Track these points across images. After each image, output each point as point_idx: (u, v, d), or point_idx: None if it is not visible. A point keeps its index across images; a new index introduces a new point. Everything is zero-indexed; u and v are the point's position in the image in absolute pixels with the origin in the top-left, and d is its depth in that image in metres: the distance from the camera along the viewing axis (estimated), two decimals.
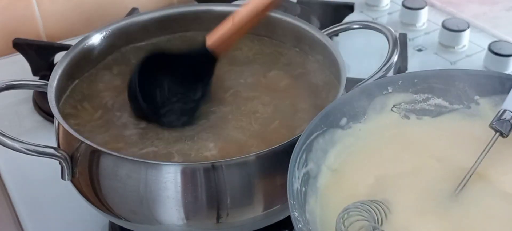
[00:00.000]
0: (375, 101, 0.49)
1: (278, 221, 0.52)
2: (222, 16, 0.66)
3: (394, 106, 0.49)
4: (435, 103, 0.50)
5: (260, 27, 0.66)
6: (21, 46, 0.79)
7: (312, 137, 0.45)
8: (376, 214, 0.40)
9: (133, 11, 0.86)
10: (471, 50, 0.85)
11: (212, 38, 0.56)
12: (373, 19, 0.93)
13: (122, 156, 0.47)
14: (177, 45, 0.66)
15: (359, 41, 0.81)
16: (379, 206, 0.41)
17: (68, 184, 0.52)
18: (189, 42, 0.66)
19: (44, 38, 0.92)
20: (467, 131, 0.48)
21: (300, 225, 0.38)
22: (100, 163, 0.48)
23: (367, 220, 0.39)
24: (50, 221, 0.61)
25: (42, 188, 0.64)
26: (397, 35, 0.57)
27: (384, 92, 0.49)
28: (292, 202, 0.39)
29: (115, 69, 0.63)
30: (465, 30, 0.84)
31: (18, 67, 0.82)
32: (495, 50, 0.79)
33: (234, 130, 0.54)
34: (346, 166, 0.46)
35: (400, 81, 0.49)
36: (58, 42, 0.84)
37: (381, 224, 0.40)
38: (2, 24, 0.88)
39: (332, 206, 0.42)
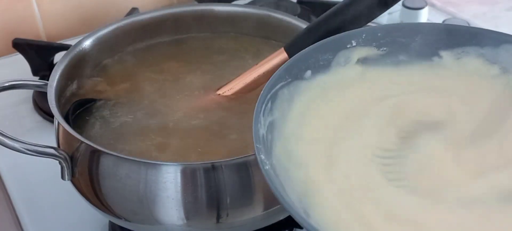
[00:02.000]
0: (339, 55, 0.49)
1: (278, 221, 0.52)
2: (222, 16, 0.67)
3: (358, 59, 0.50)
4: (397, 56, 0.50)
5: (260, 28, 0.66)
6: (21, 46, 0.79)
7: (277, 87, 0.45)
8: None
9: (133, 11, 0.86)
10: None
11: (223, 89, 0.58)
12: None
13: (122, 156, 0.47)
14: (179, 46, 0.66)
15: None
16: None
17: (68, 184, 0.52)
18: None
19: (44, 38, 0.92)
20: (428, 80, 0.49)
21: (267, 167, 0.38)
22: (100, 163, 0.48)
23: None
24: (50, 221, 0.61)
25: (42, 188, 0.64)
26: None
27: (348, 46, 0.49)
28: (258, 146, 0.39)
29: (115, 69, 0.63)
30: None
31: (18, 67, 0.82)
32: None
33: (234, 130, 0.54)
34: (310, 117, 0.46)
35: (363, 35, 0.49)
36: (58, 42, 0.84)
37: None
38: (2, 24, 0.88)
39: (296, 155, 0.42)
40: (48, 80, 0.54)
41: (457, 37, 0.49)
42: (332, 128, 0.45)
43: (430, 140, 0.43)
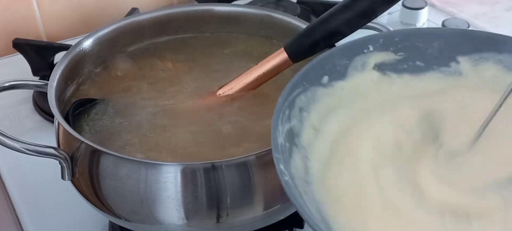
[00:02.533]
0: (356, 60, 0.49)
1: (278, 221, 0.52)
2: (222, 16, 0.67)
3: (375, 65, 0.49)
4: (415, 62, 0.50)
5: (260, 28, 0.66)
6: (21, 46, 0.79)
7: (294, 94, 0.45)
8: None
9: (133, 11, 0.86)
10: None
11: (224, 89, 0.58)
12: None
13: (122, 156, 0.47)
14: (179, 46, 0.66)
15: None
16: None
17: (68, 184, 0.52)
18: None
19: (44, 38, 0.92)
20: (447, 88, 0.49)
21: (286, 178, 0.38)
22: (100, 163, 0.48)
23: None
24: (50, 221, 0.61)
25: (42, 188, 0.64)
26: None
27: (365, 51, 0.49)
28: (277, 155, 0.39)
29: (115, 69, 0.63)
30: None
31: (18, 67, 0.82)
32: None
33: (234, 130, 0.54)
34: (328, 124, 0.46)
35: (381, 40, 0.49)
36: (58, 42, 0.84)
37: None
38: (2, 24, 0.88)
39: (314, 164, 0.42)
40: (48, 80, 0.54)
41: (475, 43, 0.49)
42: (349, 133, 0.45)
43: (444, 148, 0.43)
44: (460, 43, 0.49)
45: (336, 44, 0.57)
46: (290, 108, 0.44)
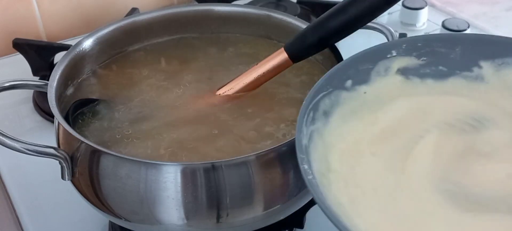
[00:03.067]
0: (379, 64, 0.49)
1: (278, 221, 0.52)
2: (222, 16, 0.67)
3: (398, 69, 0.50)
4: (437, 66, 0.50)
5: (260, 28, 0.66)
6: (21, 46, 0.79)
7: (319, 97, 0.46)
8: None
9: (133, 11, 0.86)
10: None
11: (224, 89, 0.58)
12: None
13: (122, 156, 0.47)
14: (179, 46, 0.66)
15: (359, 41, 0.80)
16: None
17: (68, 184, 0.52)
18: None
19: (44, 38, 0.92)
20: (467, 91, 0.49)
21: (310, 177, 0.38)
22: (100, 163, 0.48)
23: None
24: (50, 221, 0.61)
25: (42, 188, 0.64)
26: (397, 35, 0.57)
27: (388, 56, 0.49)
28: (301, 156, 0.40)
29: (115, 69, 0.63)
30: (465, 30, 0.84)
31: (18, 67, 0.82)
32: None
33: (236, 133, 0.54)
34: (350, 127, 0.46)
35: (404, 45, 0.50)
36: (58, 42, 0.84)
37: None
38: (2, 24, 0.88)
39: (336, 166, 0.43)
40: (48, 80, 0.54)
41: (498, 48, 0.49)
42: (370, 138, 0.45)
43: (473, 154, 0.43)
44: (483, 48, 0.49)
45: (336, 44, 0.57)
46: (314, 111, 0.45)
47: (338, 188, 0.41)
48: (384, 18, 0.93)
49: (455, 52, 0.50)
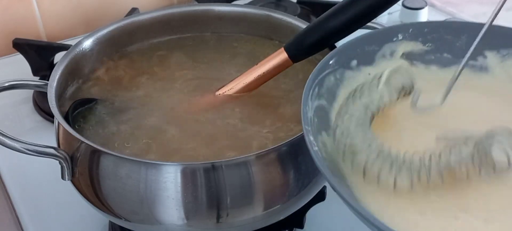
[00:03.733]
0: (385, 47, 0.49)
1: (278, 221, 0.52)
2: (222, 16, 0.67)
3: (403, 53, 0.50)
4: (442, 53, 0.50)
5: (260, 28, 0.66)
6: (21, 46, 0.79)
7: (324, 74, 0.46)
8: None
9: (133, 11, 0.86)
10: None
11: (224, 89, 0.58)
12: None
13: (122, 156, 0.47)
14: (179, 46, 0.66)
15: None
16: None
17: (68, 184, 0.52)
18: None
19: (44, 38, 0.92)
20: (471, 80, 0.49)
21: (315, 148, 0.39)
22: (100, 163, 0.48)
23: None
24: (50, 221, 0.61)
25: (42, 188, 0.65)
26: None
27: (394, 39, 0.50)
28: (306, 127, 0.40)
29: (115, 69, 0.63)
30: None
31: (18, 67, 0.82)
32: None
33: (236, 133, 0.54)
34: (353, 106, 0.46)
35: (410, 30, 0.50)
36: (58, 42, 0.84)
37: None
38: (2, 24, 0.88)
39: (340, 143, 0.43)
40: (48, 80, 0.54)
41: (504, 38, 0.49)
42: (373, 116, 0.45)
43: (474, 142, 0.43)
44: (489, 38, 0.49)
45: (336, 44, 0.57)
46: (319, 87, 0.45)
47: (343, 166, 0.41)
48: (384, 18, 0.93)
49: (460, 40, 0.50)
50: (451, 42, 0.50)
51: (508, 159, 0.39)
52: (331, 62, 0.46)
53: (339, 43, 0.56)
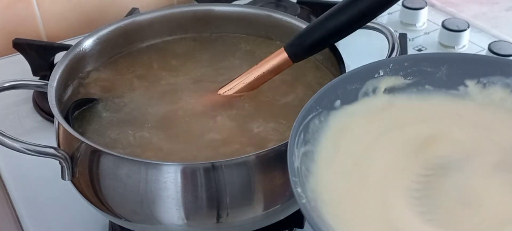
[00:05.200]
0: (367, 84, 0.50)
1: (278, 221, 0.52)
2: (222, 16, 0.67)
3: (386, 89, 0.50)
4: (424, 86, 0.51)
5: (260, 28, 0.66)
6: (21, 46, 0.79)
7: (309, 118, 0.46)
8: None
9: (133, 11, 0.86)
10: (471, 50, 0.85)
11: (224, 89, 0.58)
12: None
13: (122, 156, 0.47)
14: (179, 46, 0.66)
15: (359, 41, 0.81)
16: None
17: (68, 184, 0.52)
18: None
19: (44, 38, 0.92)
20: (454, 111, 0.50)
21: (303, 201, 0.38)
22: (100, 163, 0.48)
23: None
24: (50, 221, 0.61)
25: (42, 188, 0.64)
26: (397, 35, 0.57)
27: (375, 76, 0.50)
28: (294, 179, 0.40)
29: (115, 69, 0.63)
30: (465, 30, 0.84)
31: (18, 67, 0.82)
32: (495, 50, 0.79)
33: (236, 133, 0.54)
34: (339, 148, 0.47)
35: (391, 65, 0.50)
36: (58, 42, 0.84)
37: None
38: (2, 24, 0.88)
39: (331, 185, 0.43)
40: (48, 80, 0.54)
41: (483, 66, 0.50)
42: (360, 158, 0.45)
43: (458, 173, 0.44)
44: (468, 67, 0.50)
45: (336, 44, 0.57)
46: (304, 132, 0.45)
47: (331, 212, 0.41)
48: (384, 18, 0.93)
49: (441, 71, 0.50)
50: (432, 74, 0.50)
51: None
52: (314, 106, 0.47)
53: (339, 43, 0.57)
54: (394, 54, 0.55)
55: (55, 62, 0.79)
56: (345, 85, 0.49)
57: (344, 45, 0.58)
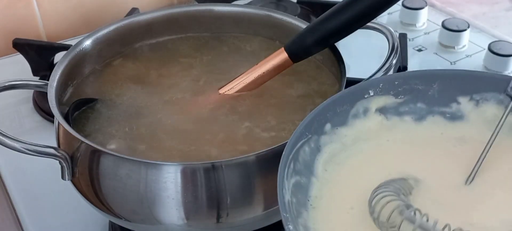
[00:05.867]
0: (357, 105, 0.48)
1: (278, 221, 0.52)
2: (222, 16, 0.67)
3: (376, 109, 0.49)
4: (416, 104, 0.49)
5: (260, 28, 0.66)
6: (21, 46, 0.79)
7: (298, 146, 0.44)
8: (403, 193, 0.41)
9: (133, 11, 0.86)
10: (471, 50, 0.85)
11: (224, 89, 0.58)
12: None
13: (122, 156, 0.47)
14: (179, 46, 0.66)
15: (359, 41, 0.81)
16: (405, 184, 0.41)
17: (68, 184, 0.52)
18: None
19: (44, 38, 0.92)
20: (448, 132, 0.49)
21: None
22: (100, 163, 0.48)
23: (400, 200, 0.39)
24: (50, 221, 0.61)
25: (42, 188, 0.64)
26: (397, 35, 0.57)
27: (365, 96, 0.48)
28: (285, 215, 0.38)
29: (115, 69, 0.63)
30: (465, 30, 0.84)
31: (18, 67, 0.82)
32: (495, 50, 0.79)
33: (234, 129, 0.54)
34: (334, 174, 0.45)
35: (381, 84, 0.49)
36: (58, 42, 0.84)
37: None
38: (2, 24, 0.88)
39: (324, 217, 0.42)
40: (48, 80, 0.54)
41: (475, 82, 0.48)
42: (352, 186, 0.44)
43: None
44: (460, 84, 0.49)
45: (335, 43, 0.57)
46: (294, 161, 0.43)
47: None
48: (384, 18, 0.93)
49: (433, 89, 0.49)
50: (424, 92, 0.49)
51: None
52: (303, 132, 0.45)
53: (340, 43, 0.56)
54: (394, 55, 0.55)
55: (55, 62, 0.79)
56: (334, 107, 0.47)
57: (344, 45, 0.58)
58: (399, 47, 0.56)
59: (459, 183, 0.44)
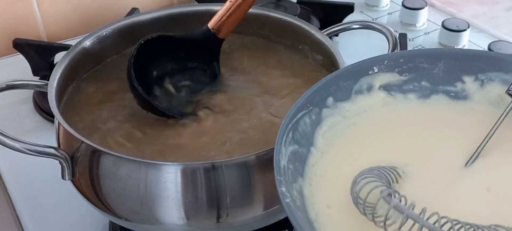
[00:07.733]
0: (361, 81, 0.49)
1: (278, 221, 0.52)
2: None
3: (380, 86, 0.49)
4: (420, 82, 0.50)
5: (260, 27, 0.66)
6: (21, 46, 0.79)
7: (299, 116, 0.44)
8: (389, 179, 0.41)
9: (133, 11, 0.86)
10: None
11: (213, 20, 0.58)
12: (373, 19, 0.93)
13: (122, 155, 0.47)
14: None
15: (359, 41, 0.81)
16: (391, 171, 0.41)
17: (68, 184, 0.52)
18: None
19: (44, 38, 0.92)
20: (452, 113, 0.49)
21: (287, 200, 0.37)
22: (100, 163, 0.48)
23: (384, 185, 0.39)
24: (50, 221, 0.61)
25: (42, 188, 0.65)
26: (397, 35, 0.57)
27: (370, 72, 0.49)
28: (279, 178, 0.39)
29: (115, 69, 0.63)
30: (465, 30, 0.84)
31: (18, 67, 0.82)
32: (495, 50, 0.79)
33: (235, 131, 0.54)
34: (333, 147, 0.46)
35: (385, 61, 0.49)
36: (58, 42, 0.84)
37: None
38: (2, 24, 0.88)
39: (319, 186, 0.42)
40: (48, 80, 0.54)
41: (481, 62, 0.48)
42: (352, 157, 0.45)
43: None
44: (466, 63, 0.49)
45: (335, 44, 0.57)
46: (293, 131, 0.43)
47: (318, 212, 0.40)
48: (384, 18, 0.93)
49: (438, 68, 0.49)
50: (428, 70, 0.49)
51: None
52: (305, 104, 0.45)
53: (340, 43, 0.56)
54: None
55: (55, 62, 0.79)
56: (338, 82, 0.47)
57: (344, 45, 0.58)
58: (399, 47, 0.56)
59: (459, 165, 0.44)
